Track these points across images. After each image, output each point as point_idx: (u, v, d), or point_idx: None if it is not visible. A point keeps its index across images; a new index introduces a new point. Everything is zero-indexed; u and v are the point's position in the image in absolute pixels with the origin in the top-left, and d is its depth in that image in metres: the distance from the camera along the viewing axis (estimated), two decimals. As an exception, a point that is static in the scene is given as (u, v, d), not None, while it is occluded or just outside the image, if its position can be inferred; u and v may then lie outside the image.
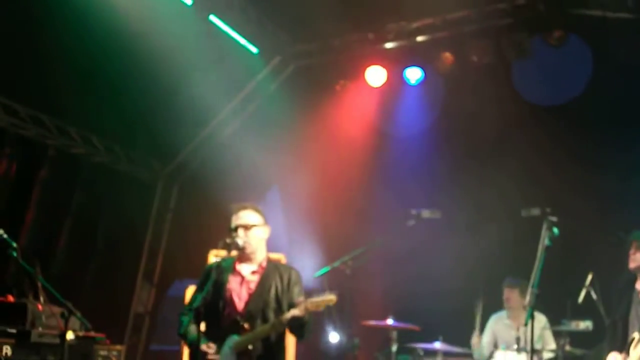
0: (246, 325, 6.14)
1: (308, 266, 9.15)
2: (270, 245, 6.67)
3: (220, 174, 10.62)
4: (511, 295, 9.38)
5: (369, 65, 10.92)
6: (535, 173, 10.40)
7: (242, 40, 10.52)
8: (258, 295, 6.28)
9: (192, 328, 6.28)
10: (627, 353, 6.49)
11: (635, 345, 6.39)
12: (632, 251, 6.76)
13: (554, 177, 10.32)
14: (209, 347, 6.14)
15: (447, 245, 10.46)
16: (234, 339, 6.12)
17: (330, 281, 9.48)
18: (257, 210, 6.48)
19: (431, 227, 8.59)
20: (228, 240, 6.29)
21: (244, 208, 6.46)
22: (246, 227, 6.36)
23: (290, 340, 8.39)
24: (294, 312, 5.99)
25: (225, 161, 10.89)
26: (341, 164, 11.17)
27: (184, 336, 6.37)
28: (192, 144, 11.63)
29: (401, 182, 10.70)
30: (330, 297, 6.04)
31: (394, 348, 9.14)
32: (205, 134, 11.53)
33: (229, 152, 11.14)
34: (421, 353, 9.45)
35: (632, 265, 6.74)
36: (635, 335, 6.43)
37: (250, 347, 6.10)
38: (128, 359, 11.36)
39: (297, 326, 6.12)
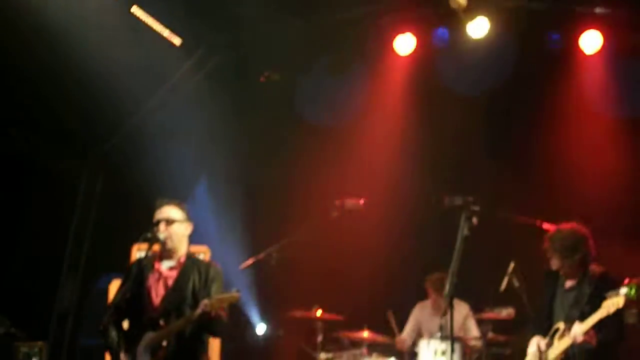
0: (161, 322, 6.13)
1: (234, 258, 9.12)
2: (197, 238, 6.67)
3: (147, 165, 10.52)
4: (438, 298, 9.44)
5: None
6: (458, 160, 10.52)
7: (166, 31, 10.41)
8: (175, 291, 6.27)
9: (113, 332, 6.24)
10: (551, 341, 6.57)
11: (560, 336, 6.48)
12: (547, 254, 6.87)
13: (477, 165, 10.46)
14: (125, 358, 6.13)
15: (371, 234, 10.52)
16: (149, 336, 6.09)
17: (256, 273, 9.55)
18: (179, 207, 6.50)
19: (355, 217, 8.62)
20: (149, 235, 6.29)
21: (167, 204, 6.48)
22: (167, 222, 6.36)
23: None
24: (200, 310, 5.98)
25: (153, 152, 10.79)
26: (269, 155, 11.14)
27: (103, 333, 6.31)
28: (118, 135, 11.49)
29: (327, 170, 10.73)
30: (233, 294, 6.06)
31: (320, 338, 9.19)
32: (131, 125, 11.37)
33: (156, 144, 11.03)
34: (346, 343, 9.52)
35: (551, 266, 6.85)
36: (560, 325, 6.52)
37: (164, 343, 6.06)
38: (54, 355, 11.28)
39: (207, 323, 6.12)
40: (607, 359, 6.54)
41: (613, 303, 6.14)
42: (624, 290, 6.14)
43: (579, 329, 6.30)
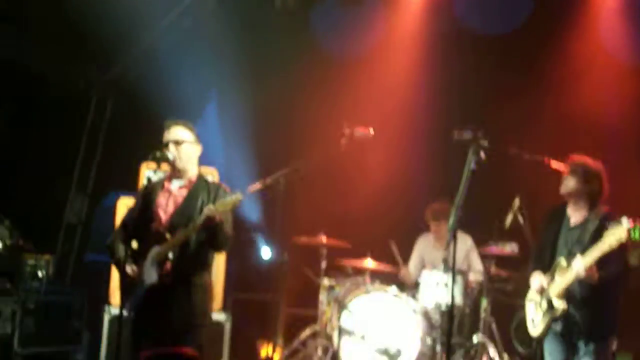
0: (168, 236, 6.14)
1: (241, 181, 9.16)
2: (205, 160, 6.69)
3: (158, 87, 10.51)
4: (438, 228, 9.49)
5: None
6: (467, 95, 10.50)
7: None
8: (184, 208, 6.29)
9: (120, 247, 6.32)
10: (552, 277, 6.59)
11: (563, 272, 6.48)
12: (564, 177, 6.82)
13: (489, 102, 10.44)
14: (132, 271, 6.19)
15: (379, 164, 10.56)
16: (155, 250, 6.15)
17: (263, 197, 9.60)
18: (189, 128, 6.48)
19: (364, 146, 8.63)
20: (158, 154, 6.30)
21: (176, 124, 6.46)
22: (177, 143, 6.36)
23: (221, 256, 8.51)
24: (204, 213, 6.00)
25: (163, 75, 10.77)
26: (280, 81, 11.12)
27: (110, 249, 6.38)
28: (129, 56, 11.47)
29: (337, 98, 10.73)
30: (237, 196, 6.05)
31: (324, 265, 9.29)
32: (142, 47, 11.35)
33: (166, 66, 11.00)
34: (350, 271, 9.62)
35: (562, 190, 6.82)
36: (562, 260, 6.52)
37: (170, 255, 6.11)
38: (60, 269, 11.42)
39: (211, 234, 6.13)
40: (607, 297, 6.52)
41: (615, 235, 6.13)
42: (625, 221, 6.07)
43: (580, 264, 6.28)
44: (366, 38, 10.90)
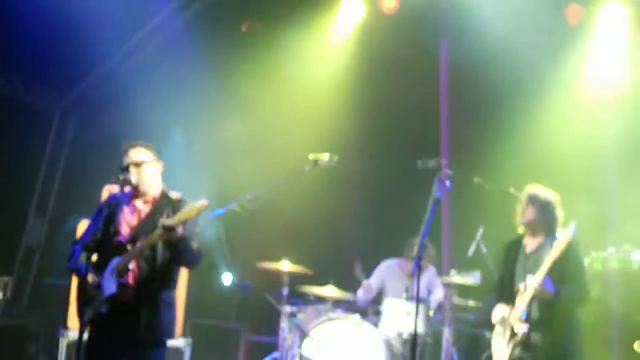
0: (129, 247, 6.09)
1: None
2: (169, 185, 6.64)
3: (121, 108, 10.45)
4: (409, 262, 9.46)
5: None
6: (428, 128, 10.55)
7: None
8: (147, 221, 6.23)
9: (82, 257, 6.22)
10: (514, 304, 6.61)
11: (521, 296, 6.52)
12: (522, 207, 6.86)
13: (453, 132, 10.50)
14: (93, 280, 6.09)
15: (344, 192, 10.55)
16: (115, 260, 6.07)
17: (226, 223, 9.54)
18: (147, 148, 6.43)
19: (328, 173, 8.62)
20: (121, 177, 6.24)
21: (134, 146, 6.41)
22: (137, 165, 6.31)
23: (183, 275, 8.41)
24: (166, 221, 5.93)
25: (127, 96, 10.69)
26: (245, 106, 11.10)
27: (73, 269, 6.28)
28: (92, 77, 11.38)
29: (303, 126, 10.72)
30: (202, 203, 5.99)
31: (285, 291, 9.22)
32: (106, 67, 11.27)
33: (130, 87, 10.93)
34: (312, 298, 9.57)
35: (521, 220, 6.86)
36: (521, 286, 6.55)
37: (130, 265, 6.04)
38: (18, 292, 11.26)
39: (174, 246, 6.05)
40: (566, 320, 6.58)
41: (562, 239, 6.25)
42: (572, 225, 6.27)
43: (534, 279, 6.37)
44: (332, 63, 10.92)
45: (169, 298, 6.26)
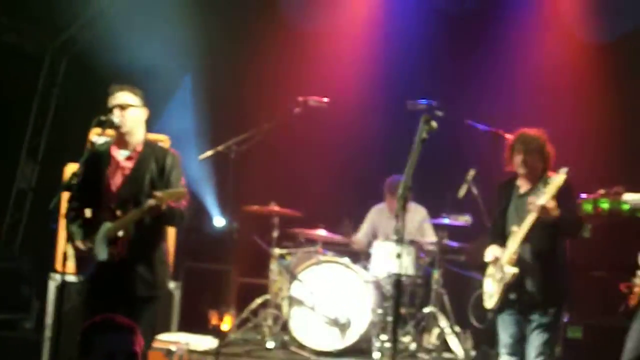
0: (118, 212, 6.04)
1: (193, 149, 9.06)
2: (157, 127, 6.59)
3: (112, 52, 10.30)
4: (393, 200, 9.38)
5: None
6: (425, 67, 10.44)
7: None
8: (131, 181, 6.17)
9: (71, 219, 6.22)
10: (506, 246, 6.60)
11: (514, 237, 6.51)
12: (511, 153, 6.81)
13: (444, 73, 10.41)
14: (84, 246, 6.09)
15: (335, 135, 10.49)
16: (105, 227, 6.05)
17: (215, 165, 9.50)
18: (134, 92, 6.35)
19: (318, 115, 8.57)
20: (103, 118, 6.18)
21: (121, 89, 6.33)
22: (122, 107, 6.23)
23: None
24: (150, 202, 5.91)
25: (118, 39, 10.54)
26: (236, 49, 11.01)
27: (54, 213, 6.32)
28: (83, 18, 11.23)
29: (294, 68, 10.64)
30: (181, 190, 6.01)
31: (275, 234, 9.22)
32: (96, 8, 11.11)
33: (121, 30, 10.78)
34: (302, 240, 9.58)
35: (508, 168, 6.83)
36: (514, 228, 6.53)
37: (120, 233, 6.02)
38: (11, 236, 11.28)
39: (162, 216, 6.06)
40: (556, 263, 6.60)
41: (554, 183, 6.26)
42: (563, 170, 6.27)
43: (537, 199, 6.34)
44: (325, 10, 10.80)
45: (160, 254, 6.27)
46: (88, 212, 6.16)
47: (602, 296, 7.72)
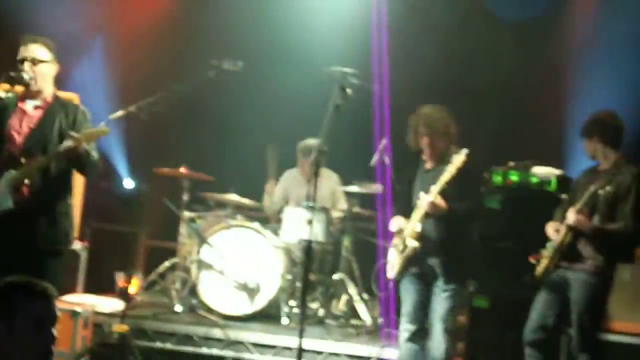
0: (23, 160, 5.88)
1: (103, 108, 8.88)
2: (68, 85, 6.43)
3: (29, 10, 9.98)
4: (305, 163, 9.38)
5: None
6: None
7: None
8: (39, 130, 6.01)
9: None
10: (410, 217, 6.66)
11: (417, 212, 6.57)
12: (414, 132, 6.85)
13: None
14: None
15: (246, 96, 10.42)
16: (10, 174, 5.87)
17: (126, 125, 9.34)
18: (47, 46, 6.17)
19: (230, 79, 8.48)
20: (12, 74, 6.00)
21: (34, 41, 6.13)
22: (33, 62, 6.05)
23: (80, 180, 8.25)
24: (67, 143, 5.78)
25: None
26: (149, 8, 10.83)
27: None
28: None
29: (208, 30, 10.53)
30: (102, 129, 5.93)
31: (186, 197, 9.13)
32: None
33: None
34: (212, 204, 9.52)
35: (414, 146, 6.87)
36: (418, 201, 6.58)
37: (26, 181, 5.86)
38: None
39: (76, 160, 5.93)
40: (460, 238, 6.67)
41: (455, 163, 6.34)
42: (464, 150, 6.35)
43: (426, 196, 6.43)
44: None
45: (65, 207, 6.14)
46: None
47: (510, 267, 7.83)
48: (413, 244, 6.55)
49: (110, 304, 8.11)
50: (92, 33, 10.59)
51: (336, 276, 9.06)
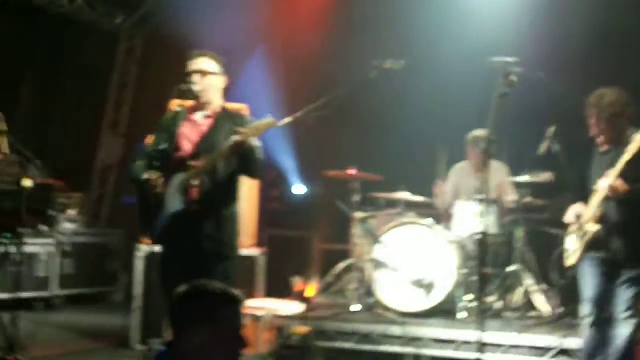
0: (193, 164, 6.06)
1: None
2: (236, 97, 6.60)
3: (189, 25, 10.37)
4: (475, 153, 9.29)
5: None
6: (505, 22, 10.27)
7: None
8: (209, 137, 6.17)
9: (139, 165, 6.26)
10: (588, 204, 6.51)
11: (596, 195, 6.42)
12: (590, 117, 6.70)
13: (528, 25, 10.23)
14: (150, 175, 6.12)
15: (412, 95, 10.41)
16: (179, 177, 6.06)
17: (293, 132, 9.54)
18: (215, 59, 6.37)
19: (395, 78, 8.51)
20: (183, 87, 6.22)
21: (202, 55, 6.35)
22: (202, 74, 6.25)
23: (254, 188, 8.46)
24: (235, 137, 5.89)
25: (194, 13, 10.61)
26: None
27: (134, 179, 6.30)
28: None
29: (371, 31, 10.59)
30: (270, 120, 5.98)
31: (356, 198, 9.20)
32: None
33: (197, 4, 10.84)
34: (383, 203, 9.56)
35: (592, 132, 6.71)
36: (597, 186, 6.43)
37: (194, 182, 6.02)
38: (94, 209, 11.50)
39: (242, 157, 6.02)
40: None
41: (635, 142, 6.12)
42: None
43: (605, 180, 6.26)
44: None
45: (231, 213, 6.25)
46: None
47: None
48: (594, 228, 6.39)
49: (290, 307, 8.23)
50: (255, 43, 10.87)
51: (511, 268, 8.93)
